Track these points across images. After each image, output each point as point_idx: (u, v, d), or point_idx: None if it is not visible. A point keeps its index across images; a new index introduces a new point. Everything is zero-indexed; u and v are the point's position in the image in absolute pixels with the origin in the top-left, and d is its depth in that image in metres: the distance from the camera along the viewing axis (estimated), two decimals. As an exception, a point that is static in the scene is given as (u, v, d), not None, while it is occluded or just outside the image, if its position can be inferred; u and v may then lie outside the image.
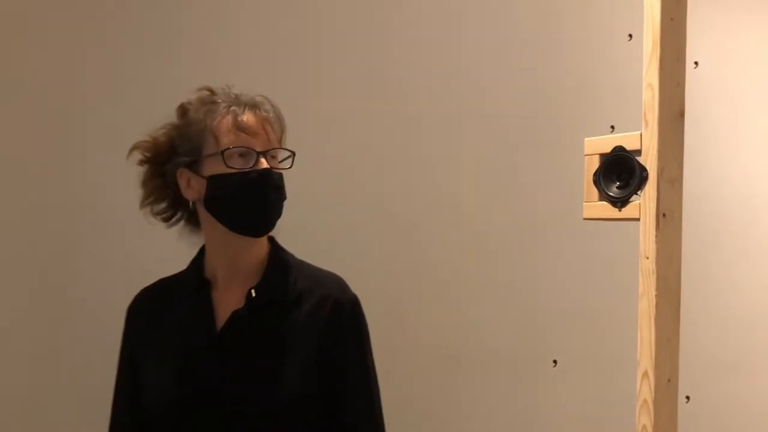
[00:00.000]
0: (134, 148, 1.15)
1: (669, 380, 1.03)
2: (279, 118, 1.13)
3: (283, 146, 1.14)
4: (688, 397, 2.08)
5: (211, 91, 1.14)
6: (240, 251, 1.13)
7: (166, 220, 1.18)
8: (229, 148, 1.06)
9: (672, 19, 1.03)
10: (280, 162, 1.12)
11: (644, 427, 1.03)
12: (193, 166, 1.10)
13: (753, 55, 2.24)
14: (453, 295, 2.07)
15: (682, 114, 1.04)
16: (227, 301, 1.12)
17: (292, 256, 1.20)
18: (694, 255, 1.30)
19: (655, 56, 1.02)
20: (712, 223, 2.18)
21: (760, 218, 2.21)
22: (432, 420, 2.07)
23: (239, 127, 1.07)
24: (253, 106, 1.10)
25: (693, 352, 1.89)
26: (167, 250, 1.22)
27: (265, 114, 1.11)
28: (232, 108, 1.09)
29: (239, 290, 1.12)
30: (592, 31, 2.16)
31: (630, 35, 2.15)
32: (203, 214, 1.13)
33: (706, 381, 2.15)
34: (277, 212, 1.11)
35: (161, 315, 1.17)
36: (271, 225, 1.12)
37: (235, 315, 1.11)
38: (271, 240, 1.19)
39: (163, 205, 1.17)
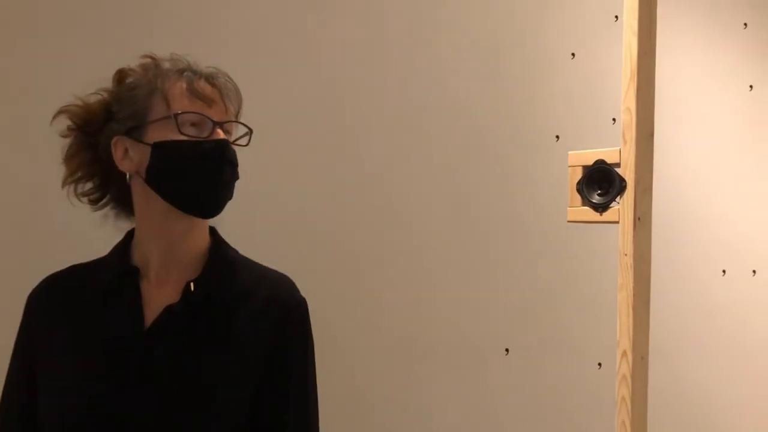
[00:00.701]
0: (61, 112, 0.97)
1: (642, 358, 1.23)
2: (236, 92, 0.99)
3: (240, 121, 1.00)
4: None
5: (156, 59, 0.99)
6: (179, 237, 0.96)
7: (94, 201, 1.00)
8: (183, 113, 0.91)
9: (646, 53, 1.22)
10: (236, 139, 0.98)
11: (623, 398, 1.21)
12: (134, 132, 0.93)
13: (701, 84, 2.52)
14: (411, 286, 2.22)
15: (652, 134, 1.24)
16: (159, 295, 0.94)
17: (236, 251, 1.04)
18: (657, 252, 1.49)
19: (632, 85, 1.21)
20: (674, 225, 2.45)
21: (711, 221, 2.50)
22: (388, 406, 2.21)
23: (194, 93, 0.93)
24: (210, 75, 0.97)
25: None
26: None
27: (222, 84, 0.97)
28: (186, 73, 0.95)
29: (174, 284, 0.95)
30: (542, 51, 2.37)
31: (573, 54, 2.38)
32: (140, 189, 0.95)
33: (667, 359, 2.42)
34: (229, 192, 0.96)
35: (71, 309, 0.96)
36: (222, 205, 0.96)
37: (169, 310, 0.93)
38: (213, 231, 1.03)
39: (91, 183, 0.99)
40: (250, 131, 0.99)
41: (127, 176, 0.96)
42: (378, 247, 2.16)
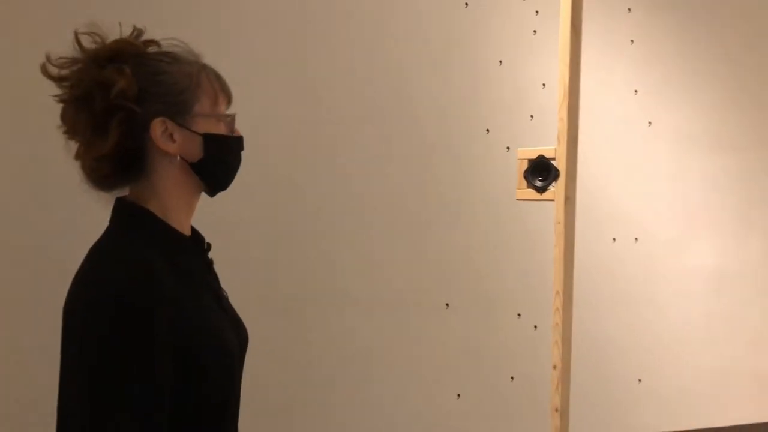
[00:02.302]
0: (112, 83, 0.93)
1: (569, 296, 1.74)
2: None
3: None
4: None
5: (187, 48, 1.03)
6: (195, 209, 1.05)
7: (110, 178, 0.98)
8: (231, 115, 1.02)
9: (573, 80, 1.72)
10: None
11: (556, 342, 1.72)
12: (178, 118, 0.96)
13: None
14: (362, 244, 2.67)
15: (577, 137, 1.74)
16: None
17: None
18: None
19: (565, 102, 1.70)
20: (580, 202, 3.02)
21: (604, 198, 3.07)
22: (336, 354, 2.65)
23: (228, 96, 1.03)
24: (223, 79, 1.05)
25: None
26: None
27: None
28: (214, 73, 1.03)
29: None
30: (475, 59, 2.85)
31: (500, 61, 2.88)
32: (176, 170, 0.98)
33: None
34: None
35: (181, 280, 0.97)
36: None
37: (208, 264, 1.08)
38: None
39: (116, 160, 0.96)
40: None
41: (170, 156, 0.97)
42: (335, 216, 2.62)
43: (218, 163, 1.00)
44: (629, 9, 3.10)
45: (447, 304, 2.84)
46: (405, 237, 2.75)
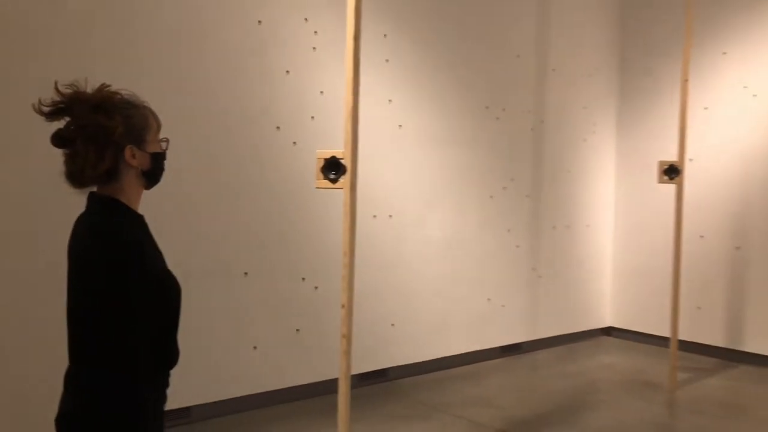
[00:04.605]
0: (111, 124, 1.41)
1: (350, 267, 2.47)
2: None
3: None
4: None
5: (136, 99, 1.50)
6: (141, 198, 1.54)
7: (95, 180, 1.46)
8: (166, 138, 1.56)
9: (353, 107, 2.43)
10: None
11: (344, 288, 2.44)
12: (139, 144, 1.46)
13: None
14: (180, 222, 3.13)
15: (357, 143, 2.46)
16: None
17: None
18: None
19: (349, 120, 2.41)
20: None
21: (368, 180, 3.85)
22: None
23: (160, 126, 1.55)
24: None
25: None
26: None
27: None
28: (153, 111, 1.53)
29: None
30: (266, 68, 3.44)
31: (287, 71, 3.51)
32: (134, 176, 1.48)
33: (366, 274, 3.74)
34: None
35: (147, 239, 1.49)
36: None
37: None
38: None
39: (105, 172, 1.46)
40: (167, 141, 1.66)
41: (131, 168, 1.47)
42: (157, 204, 3.05)
43: (157, 169, 1.55)
44: (385, 35, 3.93)
45: (246, 273, 3.41)
46: (212, 216, 3.26)
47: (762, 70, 4.49)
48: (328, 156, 2.46)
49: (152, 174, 1.52)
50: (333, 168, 2.46)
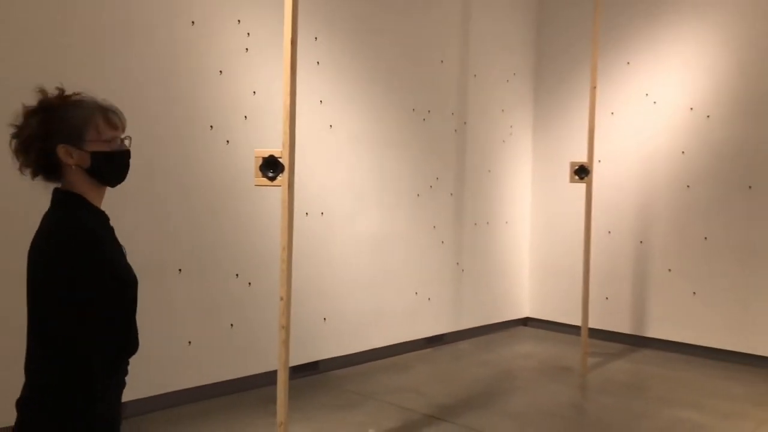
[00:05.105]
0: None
1: (290, 248, 2.59)
2: (124, 118, 1.64)
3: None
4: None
5: (81, 96, 1.54)
6: (103, 195, 1.59)
7: (34, 174, 1.55)
8: (115, 137, 1.58)
9: (291, 105, 2.55)
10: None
11: (283, 282, 2.56)
12: (76, 143, 1.50)
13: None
14: (121, 224, 3.15)
15: (294, 143, 2.58)
16: None
17: None
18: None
19: (287, 121, 2.53)
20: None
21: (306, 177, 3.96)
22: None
23: (113, 126, 1.57)
24: (114, 110, 1.59)
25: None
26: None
27: (120, 115, 1.61)
28: (106, 113, 1.56)
29: None
30: (204, 69, 3.50)
31: (221, 71, 3.58)
32: (79, 174, 1.52)
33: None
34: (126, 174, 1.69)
35: (108, 236, 1.58)
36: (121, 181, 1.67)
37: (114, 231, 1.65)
38: None
39: (39, 167, 1.55)
40: (130, 138, 1.69)
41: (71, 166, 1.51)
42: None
43: (103, 167, 1.57)
44: (316, 38, 4.06)
45: (180, 270, 3.46)
46: (146, 214, 3.29)
47: (661, 79, 4.92)
48: (266, 155, 2.57)
49: (98, 172, 1.54)
50: (271, 166, 2.57)
